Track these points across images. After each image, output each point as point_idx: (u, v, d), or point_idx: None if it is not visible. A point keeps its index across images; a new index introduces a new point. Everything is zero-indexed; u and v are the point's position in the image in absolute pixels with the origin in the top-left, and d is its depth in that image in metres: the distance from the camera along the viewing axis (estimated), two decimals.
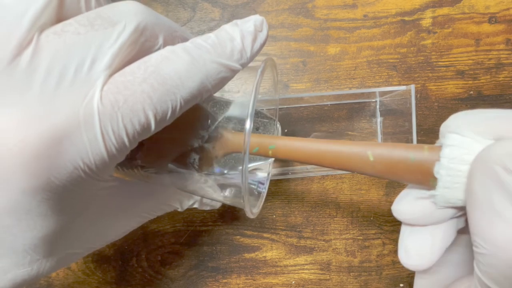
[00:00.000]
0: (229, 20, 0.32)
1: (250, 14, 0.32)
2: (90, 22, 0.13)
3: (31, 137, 0.12)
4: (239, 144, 0.18)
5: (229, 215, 0.32)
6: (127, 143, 0.14)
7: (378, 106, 0.32)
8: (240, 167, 0.17)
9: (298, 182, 0.32)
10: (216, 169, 0.19)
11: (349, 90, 0.32)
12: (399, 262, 0.33)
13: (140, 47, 0.15)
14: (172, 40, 0.16)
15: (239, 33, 0.15)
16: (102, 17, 0.14)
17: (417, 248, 0.16)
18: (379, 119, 0.32)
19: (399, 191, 0.32)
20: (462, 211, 0.15)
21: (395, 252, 0.32)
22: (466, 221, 0.15)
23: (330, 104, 0.32)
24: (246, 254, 0.32)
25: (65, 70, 0.13)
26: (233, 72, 0.15)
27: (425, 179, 0.15)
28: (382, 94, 0.30)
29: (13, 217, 0.13)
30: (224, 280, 0.32)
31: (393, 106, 0.30)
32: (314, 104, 0.32)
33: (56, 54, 0.13)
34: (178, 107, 0.14)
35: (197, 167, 0.18)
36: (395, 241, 0.32)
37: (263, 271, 0.32)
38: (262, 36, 0.16)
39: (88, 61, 0.13)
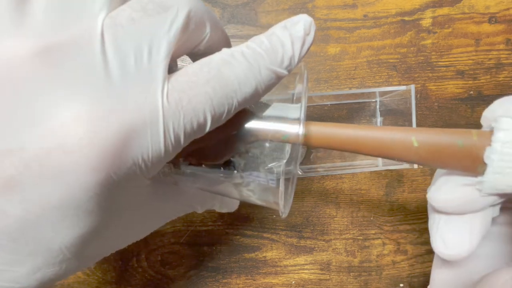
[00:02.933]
0: (229, 20, 0.32)
1: (250, 14, 0.32)
2: (143, 7, 0.13)
3: (100, 131, 0.12)
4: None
5: (229, 215, 0.32)
6: (182, 142, 0.14)
7: (378, 106, 0.32)
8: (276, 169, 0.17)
9: (298, 182, 0.32)
10: (259, 172, 0.19)
11: (349, 90, 0.32)
12: (399, 262, 0.33)
13: (189, 34, 0.14)
14: (215, 31, 0.16)
15: (289, 38, 0.15)
16: (154, 1, 0.13)
17: (456, 237, 0.15)
18: (379, 119, 0.32)
19: (399, 191, 0.32)
20: (501, 199, 0.15)
21: (395, 252, 0.32)
22: (500, 210, 0.15)
23: (330, 104, 0.32)
24: (246, 254, 0.32)
25: (127, 60, 0.12)
26: (280, 78, 0.15)
27: (473, 165, 0.15)
28: (382, 94, 0.30)
29: (61, 213, 0.12)
30: (224, 280, 0.32)
31: (393, 106, 0.30)
32: (314, 104, 0.32)
33: (117, 42, 0.12)
34: (232, 110, 0.14)
35: (241, 170, 0.18)
36: (395, 241, 0.32)
37: (263, 271, 0.32)
38: (309, 39, 0.15)
39: (146, 50, 0.13)
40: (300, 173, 0.31)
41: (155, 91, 0.13)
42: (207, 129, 0.14)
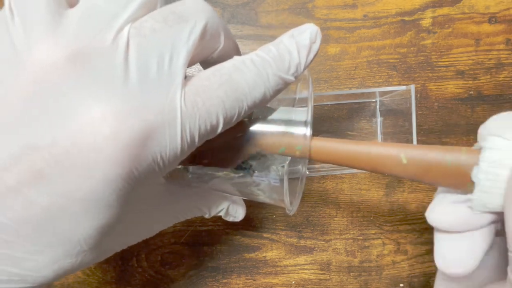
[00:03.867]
0: (229, 20, 0.32)
1: (250, 14, 0.32)
2: (164, 18, 0.14)
3: (125, 129, 0.13)
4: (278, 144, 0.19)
5: None
6: (197, 141, 0.15)
7: (378, 106, 0.32)
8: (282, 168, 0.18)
9: (298, 182, 0.32)
10: (269, 172, 0.19)
11: (349, 90, 0.32)
12: (399, 262, 0.33)
13: (205, 44, 0.16)
14: (228, 42, 0.17)
15: (295, 46, 0.16)
16: (175, 12, 0.14)
17: (456, 256, 0.15)
18: (379, 119, 0.32)
19: (399, 191, 0.32)
20: (500, 216, 0.15)
21: (395, 252, 0.32)
22: (502, 224, 0.15)
23: (330, 104, 0.32)
24: (246, 254, 0.32)
25: (150, 66, 0.13)
26: (287, 84, 0.16)
27: (462, 183, 0.15)
28: (382, 94, 0.30)
29: (84, 205, 0.13)
30: (224, 280, 0.32)
31: (393, 106, 0.30)
32: (314, 104, 0.32)
33: (141, 49, 0.13)
34: (242, 113, 0.16)
35: (252, 171, 0.19)
36: (395, 241, 0.32)
37: (263, 271, 0.32)
38: (315, 47, 0.16)
39: (167, 57, 0.14)
40: (308, 173, 0.31)
41: (174, 94, 0.14)
42: (219, 130, 0.15)
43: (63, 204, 0.13)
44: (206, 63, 0.18)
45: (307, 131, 0.17)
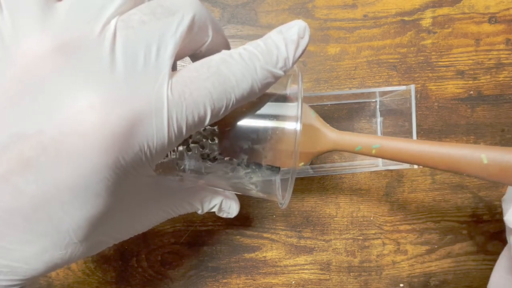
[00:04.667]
0: (229, 20, 0.32)
1: (250, 14, 0.32)
2: (152, 11, 0.15)
3: (112, 117, 0.13)
4: (341, 143, 0.20)
5: None
6: (184, 132, 0.15)
7: (378, 106, 0.32)
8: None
9: (298, 182, 0.32)
10: (261, 165, 0.19)
11: (349, 90, 0.32)
12: (399, 262, 0.33)
13: (193, 37, 0.16)
14: (216, 35, 0.17)
15: (283, 41, 0.16)
16: (162, 6, 0.15)
17: None
18: (379, 119, 0.32)
19: (399, 191, 0.32)
20: None
21: (395, 252, 0.32)
22: None
23: (330, 104, 0.32)
24: (246, 254, 0.32)
25: (137, 56, 0.14)
26: (276, 78, 0.17)
27: None
28: (382, 94, 0.30)
29: (72, 194, 0.13)
30: (224, 280, 0.32)
31: (393, 106, 0.30)
32: (314, 104, 0.32)
33: (128, 40, 0.14)
34: (230, 106, 0.16)
35: (244, 166, 0.19)
36: (395, 241, 0.32)
37: (263, 271, 0.32)
38: (303, 43, 0.17)
39: (154, 48, 0.14)
40: (312, 172, 0.31)
41: (161, 84, 0.14)
42: (207, 122, 0.15)
43: (52, 193, 0.13)
44: (195, 57, 0.18)
45: (298, 126, 0.18)
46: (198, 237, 0.32)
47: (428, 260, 0.32)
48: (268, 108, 0.19)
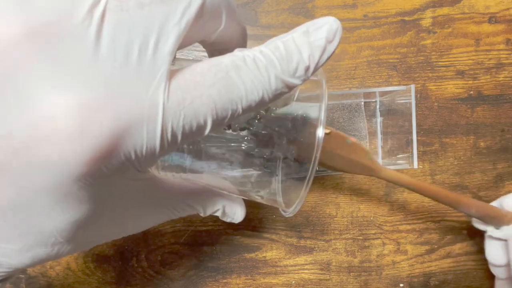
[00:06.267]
0: None
1: (250, 14, 0.32)
2: None
3: (92, 126, 0.11)
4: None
5: None
6: (179, 141, 0.13)
7: (378, 106, 0.32)
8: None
9: (298, 183, 0.32)
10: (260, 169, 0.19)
11: (349, 90, 0.32)
12: (399, 262, 0.33)
13: (202, 25, 0.14)
14: (231, 24, 0.15)
15: (307, 47, 0.14)
16: None
17: None
18: (379, 119, 0.32)
19: (399, 191, 0.32)
20: None
21: (395, 252, 0.32)
22: None
23: (330, 104, 0.32)
24: (246, 254, 0.32)
25: (129, 49, 0.11)
26: (291, 88, 0.14)
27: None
28: (382, 94, 0.30)
29: (51, 198, 0.12)
30: (224, 280, 0.32)
31: (393, 106, 0.30)
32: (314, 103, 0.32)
33: (120, 27, 0.11)
34: (235, 115, 0.14)
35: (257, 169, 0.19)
36: (395, 241, 0.32)
37: (263, 271, 0.32)
38: (331, 47, 0.14)
39: (153, 40, 0.12)
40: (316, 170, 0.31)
41: (157, 87, 0.12)
42: (207, 132, 0.14)
43: (29, 197, 0.12)
44: (202, 43, 0.16)
45: (319, 131, 0.16)
46: (198, 237, 0.32)
47: (428, 260, 0.32)
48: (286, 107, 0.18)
